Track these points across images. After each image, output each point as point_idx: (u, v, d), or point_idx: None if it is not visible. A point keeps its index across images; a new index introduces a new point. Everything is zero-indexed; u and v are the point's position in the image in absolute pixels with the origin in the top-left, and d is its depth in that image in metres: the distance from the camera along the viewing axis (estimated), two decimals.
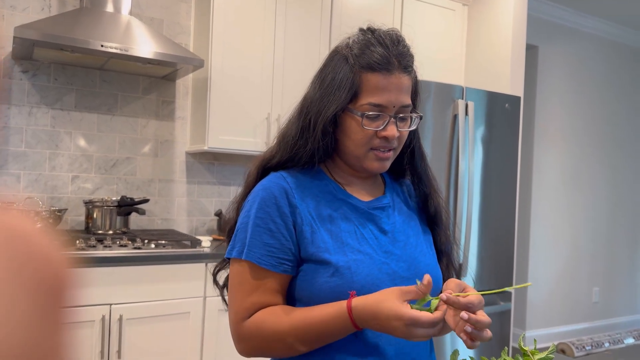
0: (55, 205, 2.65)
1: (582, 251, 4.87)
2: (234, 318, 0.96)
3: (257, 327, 0.93)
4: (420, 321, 0.82)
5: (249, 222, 0.97)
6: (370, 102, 0.96)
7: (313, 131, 0.98)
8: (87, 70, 2.73)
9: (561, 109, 4.68)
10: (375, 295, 0.87)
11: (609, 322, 5.06)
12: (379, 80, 0.96)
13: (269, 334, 0.92)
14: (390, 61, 0.96)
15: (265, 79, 2.83)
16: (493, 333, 3.14)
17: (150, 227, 2.90)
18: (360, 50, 0.97)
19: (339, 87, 0.97)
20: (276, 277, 0.95)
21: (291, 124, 1.04)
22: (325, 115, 0.97)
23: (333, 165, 1.06)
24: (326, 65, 1.03)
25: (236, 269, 0.97)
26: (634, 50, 5.20)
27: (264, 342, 0.93)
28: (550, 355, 0.93)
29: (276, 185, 0.98)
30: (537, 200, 4.54)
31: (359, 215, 1.01)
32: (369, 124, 0.96)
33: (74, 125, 2.71)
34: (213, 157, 3.06)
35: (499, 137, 2.99)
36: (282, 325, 0.91)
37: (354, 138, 0.98)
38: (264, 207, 0.96)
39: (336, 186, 1.03)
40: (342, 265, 0.93)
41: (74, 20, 2.38)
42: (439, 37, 3.39)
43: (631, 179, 5.25)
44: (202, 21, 2.83)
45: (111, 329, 2.16)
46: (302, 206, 0.97)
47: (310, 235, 0.96)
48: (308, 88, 1.05)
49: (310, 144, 0.99)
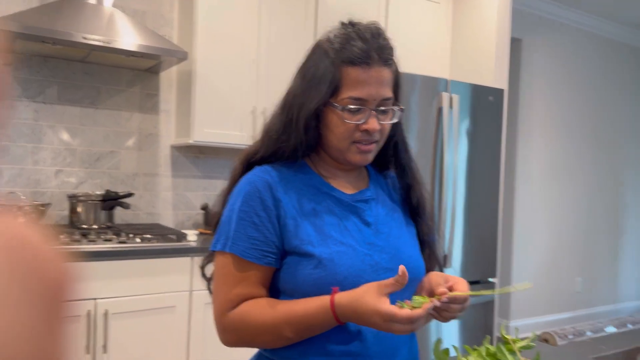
0: (39, 199, 2.62)
1: (564, 242, 4.95)
2: (218, 310, 0.98)
3: (242, 318, 0.95)
4: (397, 317, 0.85)
5: (233, 216, 0.98)
6: (350, 96, 0.97)
7: (296, 126, 0.99)
8: (69, 63, 2.70)
9: (544, 102, 4.73)
10: (356, 290, 0.89)
11: (591, 311, 5.16)
12: (358, 74, 0.96)
13: (253, 325, 0.94)
14: (370, 55, 0.97)
15: (251, 72, 2.82)
16: (477, 323, 3.17)
17: (135, 221, 2.88)
18: (341, 45, 0.98)
19: (320, 82, 0.98)
20: (260, 269, 0.97)
21: (275, 118, 1.04)
22: (307, 109, 0.98)
23: (317, 159, 1.06)
24: (308, 60, 1.04)
25: (221, 261, 0.99)
26: (616, 44, 5.26)
27: (248, 333, 0.95)
28: (532, 344, 0.95)
29: (260, 179, 0.99)
30: (520, 192, 4.59)
31: (342, 208, 1.02)
32: (350, 118, 0.97)
33: (57, 119, 2.68)
34: (198, 151, 3.05)
35: (483, 130, 3.02)
36: (266, 317, 0.93)
37: (336, 132, 0.99)
38: (248, 200, 0.98)
39: (320, 179, 1.04)
40: (325, 257, 0.94)
41: (55, 12, 2.35)
42: (424, 31, 3.40)
43: (613, 170, 5.33)
44: (186, 13, 2.81)
45: (97, 324, 2.15)
46: (285, 199, 0.98)
47: (294, 228, 0.97)
48: (291, 82, 1.05)
49: (293, 139, 1.00)
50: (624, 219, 5.47)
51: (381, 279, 0.96)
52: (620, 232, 5.45)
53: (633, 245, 5.57)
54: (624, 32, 5.23)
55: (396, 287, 0.87)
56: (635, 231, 5.58)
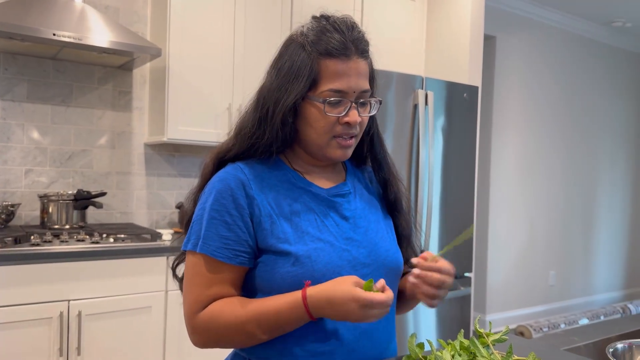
0: (8, 200, 2.56)
1: (538, 236, 5.04)
2: (188, 310, 0.96)
3: (212, 318, 0.93)
4: (375, 301, 0.85)
5: (204, 215, 0.96)
6: (330, 89, 0.95)
7: (271, 121, 0.97)
8: (39, 60, 2.64)
9: (518, 99, 4.80)
10: (328, 282, 0.89)
11: (565, 304, 5.26)
12: (337, 66, 0.95)
13: (223, 325, 0.92)
14: (348, 46, 0.96)
15: (226, 68, 2.79)
16: (453, 317, 3.20)
17: (108, 221, 2.84)
18: (317, 37, 0.97)
19: (297, 75, 0.95)
20: (232, 269, 0.95)
21: (248, 115, 1.02)
22: (284, 104, 0.95)
23: (292, 155, 1.05)
24: (282, 54, 1.02)
25: (191, 261, 0.97)
26: (589, 41, 5.37)
27: (219, 333, 0.93)
28: (504, 337, 0.96)
29: (232, 177, 0.97)
30: (495, 188, 4.65)
31: (319, 203, 1.01)
32: (331, 111, 0.96)
33: (26, 117, 2.62)
34: (173, 149, 3.01)
35: (458, 126, 3.05)
36: (236, 316, 0.92)
37: (316, 126, 0.97)
38: (219, 199, 0.95)
39: (296, 175, 1.02)
40: (302, 255, 0.93)
41: (24, 7, 2.29)
42: (399, 28, 3.41)
43: (586, 166, 5.44)
44: (159, 9, 2.77)
45: (70, 326, 2.11)
46: (260, 197, 0.96)
47: (270, 226, 0.95)
48: (264, 78, 1.04)
49: (268, 134, 0.98)
50: (597, 214, 5.59)
51: (359, 274, 0.96)
52: (593, 226, 5.56)
53: (605, 239, 5.70)
54: (596, 29, 5.33)
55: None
56: (607, 225, 5.71)
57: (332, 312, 0.88)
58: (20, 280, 2.02)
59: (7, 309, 2.00)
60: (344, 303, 0.86)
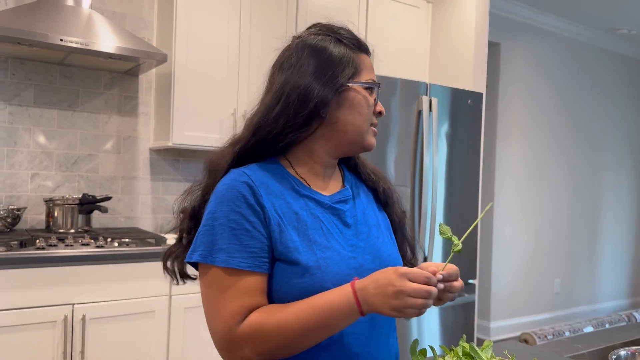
0: (14, 204, 2.58)
1: (543, 243, 5.02)
2: (224, 326, 0.89)
3: (258, 327, 0.88)
4: (416, 274, 0.83)
5: (216, 225, 0.92)
6: (370, 79, 1.03)
7: (302, 107, 0.96)
8: (46, 65, 2.66)
9: (523, 105, 4.79)
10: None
11: (570, 311, 5.23)
12: (368, 61, 1.05)
13: (274, 330, 0.87)
14: (365, 46, 1.06)
15: (231, 74, 2.81)
16: (457, 324, 3.19)
17: (113, 225, 2.85)
18: (344, 35, 1.04)
19: (339, 63, 0.99)
20: (260, 277, 0.92)
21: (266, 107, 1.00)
22: (328, 87, 0.97)
23: (297, 157, 1.03)
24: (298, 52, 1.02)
25: (213, 276, 0.91)
26: (594, 49, 5.37)
27: (267, 340, 0.87)
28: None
29: (240, 183, 0.94)
30: (499, 195, 4.65)
31: (323, 210, 1.00)
32: (372, 97, 1.03)
33: (33, 122, 2.64)
34: (178, 154, 3.03)
35: (462, 133, 3.05)
36: (284, 318, 0.87)
37: (362, 112, 1.01)
38: (234, 208, 0.92)
39: (298, 182, 1.01)
40: (312, 266, 0.92)
41: (32, 13, 2.32)
42: (403, 35, 3.43)
43: (591, 172, 5.42)
44: (166, 15, 2.79)
45: (74, 329, 2.12)
46: (268, 205, 0.94)
47: (279, 234, 0.93)
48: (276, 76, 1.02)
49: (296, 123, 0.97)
50: (602, 221, 5.57)
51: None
52: (599, 234, 5.54)
53: (611, 246, 5.67)
54: (600, 37, 5.33)
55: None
56: (613, 232, 5.68)
57: (374, 289, 0.84)
58: (25, 283, 2.03)
59: (12, 312, 2.01)
60: (385, 274, 0.85)
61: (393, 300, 0.82)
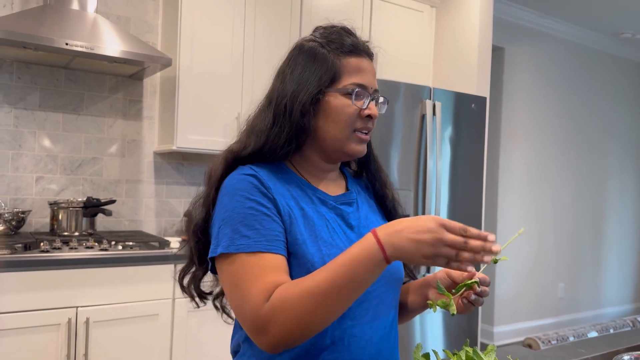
0: (19, 207, 2.59)
1: (547, 248, 5.00)
2: (252, 307, 0.85)
3: (281, 298, 0.84)
4: (455, 225, 0.81)
5: (234, 216, 0.91)
6: (353, 82, 0.99)
7: (290, 116, 0.97)
8: (51, 69, 2.68)
9: (527, 109, 4.79)
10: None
11: (574, 316, 5.21)
12: (358, 62, 1.01)
13: (294, 299, 0.83)
14: (362, 47, 1.02)
15: (235, 79, 2.82)
16: (461, 329, 3.17)
17: (117, 228, 2.86)
18: (332, 38, 1.01)
19: (317, 69, 0.99)
20: (282, 258, 0.90)
21: (260, 115, 1.02)
22: (305, 96, 0.97)
23: (300, 160, 1.05)
24: (293, 58, 1.03)
25: (235, 263, 0.89)
26: (597, 53, 5.36)
27: (289, 313, 0.83)
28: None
29: (249, 176, 0.95)
30: (503, 199, 4.64)
31: (327, 209, 1.02)
32: (356, 102, 0.99)
33: (38, 125, 2.66)
34: (182, 157, 3.04)
35: (466, 137, 3.05)
36: (307, 284, 0.84)
37: (338, 119, 0.98)
38: (249, 196, 0.92)
39: (303, 181, 1.02)
40: (317, 261, 0.93)
41: (37, 17, 2.34)
42: (407, 39, 3.43)
43: (595, 177, 5.41)
44: (170, 19, 2.80)
45: (77, 332, 2.13)
46: (278, 197, 0.96)
47: (289, 225, 0.94)
48: (273, 82, 1.05)
49: (285, 132, 0.98)
50: (606, 225, 5.55)
51: None
52: (603, 238, 5.52)
53: (615, 251, 5.65)
54: (604, 40, 5.33)
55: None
56: (617, 237, 5.66)
57: (409, 234, 0.81)
58: (29, 286, 2.04)
59: (17, 315, 2.02)
60: (421, 221, 0.81)
61: (428, 248, 0.80)
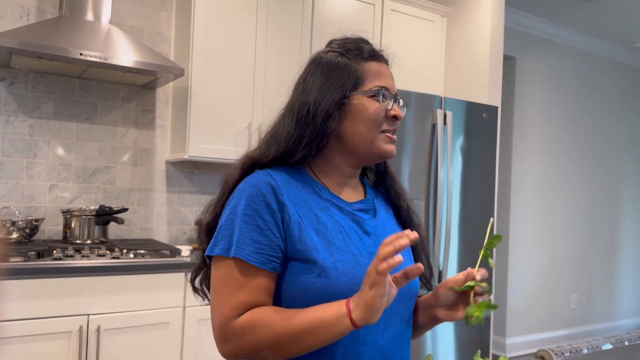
0: (33, 214, 2.62)
1: (560, 259, 4.94)
2: (222, 318, 0.92)
3: (251, 325, 0.89)
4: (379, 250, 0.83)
5: (236, 219, 0.94)
6: (377, 85, 1.02)
7: (312, 121, 0.99)
8: (66, 79, 2.71)
9: (539, 119, 4.76)
10: None
11: (588, 328, 5.13)
12: (378, 67, 1.04)
13: (265, 332, 0.88)
14: (379, 54, 1.06)
15: (247, 88, 2.84)
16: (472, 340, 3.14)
17: (129, 236, 2.88)
18: (349, 48, 1.04)
19: (340, 76, 1.01)
20: (265, 275, 0.93)
21: (282, 122, 1.03)
22: (328, 102, 0.99)
23: (320, 166, 1.06)
24: (311, 70, 1.05)
25: (222, 267, 0.94)
26: (609, 62, 5.32)
27: (256, 340, 0.89)
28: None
29: (263, 182, 0.96)
30: (515, 209, 4.60)
31: (344, 216, 1.02)
32: (382, 103, 1.01)
33: (52, 134, 2.69)
34: (193, 166, 3.06)
35: (477, 146, 3.04)
36: (281, 323, 0.88)
37: (367, 120, 1.00)
38: (251, 204, 0.94)
39: (321, 187, 1.03)
40: (328, 266, 0.93)
41: (53, 28, 2.37)
42: (418, 48, 3.44)
43: (608, 187, 5.35)
44: (183, 30, 2.83)
45: (89, 340, 2.14)
46: (289, 204, 0.96)
47: (298, 233, 0.95)
48: (293, 94, 1.06)
49: (306, 137, 0.99)
50: (620, 236, 5.48)
51: None
52: (617, 249, 5.45)
53: (630, 262, 5.57)
54: (616, 50, 5.29)
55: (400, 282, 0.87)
56: (631, 248, 5.58)
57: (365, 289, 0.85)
58: (42, 293, 2.06)
59: (29, 322, 2.03)
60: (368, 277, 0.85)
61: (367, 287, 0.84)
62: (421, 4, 3.45)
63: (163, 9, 2.97)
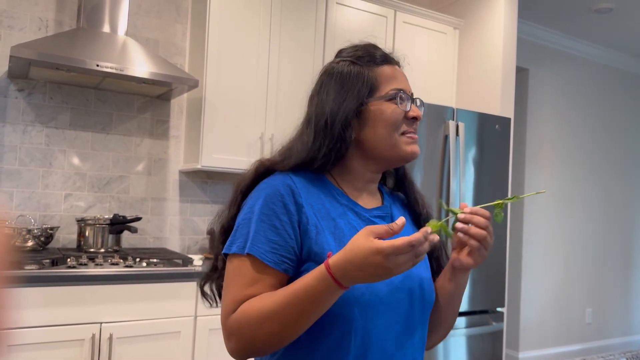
0: (48, 223, 2.65)
1: (574, 272, 4.89)
2: (223, 313, 0.92)
3: (243, 313, 0.88)
4: (400, 247, 0.78)
5: (253, 218, 0.95)
6: (393, 88, 1.02)
7: (331, 130, 0.99)
8: (82, 90, 2.76)
9: (552, 131, 4.74)
10: (347, 244, 0.84)
11: (603, 343, 5.06)
12: (392, 70, 1.04)
13: (254, 316, 0.87)
14: (391, 57, 1.07)
15: (260, 99, 2.86)
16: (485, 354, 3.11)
17: (142, 245, 2.90)
18: (360, 55, 1.04)
19: (354, 85, 1.01)
20: (276, 274, 0.93)
21: (300, 134, 1.04)
22: (345, 110, 0.99)
23: (341, 173, 1.06)
24: (324, 83, 1.05)
25: (235, 264, 0.94)
26: (622, 74, 5.29)
27: (250, 328, 0.87)
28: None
29: (282, 184, 0.97)
30: (528, 221, 4.56)
31: (361, 221, 1.02)
32: (401, 105, 1.02)
33: (68, 144, 2.73)
34: (206, 176, 3.08)
35: (489, 158, 3.03)
36: (266, 304, 0.87)
37: (387, 124, 1.01)
38: (269, 203, 0.95)
39: (339, 192, 1.04)
40: None
41: (70, 40, 2.42)
42: (430, 60, 3.45)
43: (623, 199, 5.29)
44: (198, 42, 2.87)
45: (101, 348, 2.15)
46: (307, 206, 0.97)
47: (315, 235, 0.95)
48: (308, 108, 1.06)
49: (325, 147, 0.99)
50: (636, 249, 5.41)
51: (395, 299, 0.96)
52: (632, 261, 5.38)
53: None
54: (629, 61, 5.26)
55: (388, 234, 0.82)
56: None
57: (360, 274, 0.81)
58: (55, 301, 2.08)
59: (42, 330, 2.05)
60: (366, 259, 0.79)
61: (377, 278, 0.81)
62: (433, 16, 3.46)
63: (178, 21, 3.01)
